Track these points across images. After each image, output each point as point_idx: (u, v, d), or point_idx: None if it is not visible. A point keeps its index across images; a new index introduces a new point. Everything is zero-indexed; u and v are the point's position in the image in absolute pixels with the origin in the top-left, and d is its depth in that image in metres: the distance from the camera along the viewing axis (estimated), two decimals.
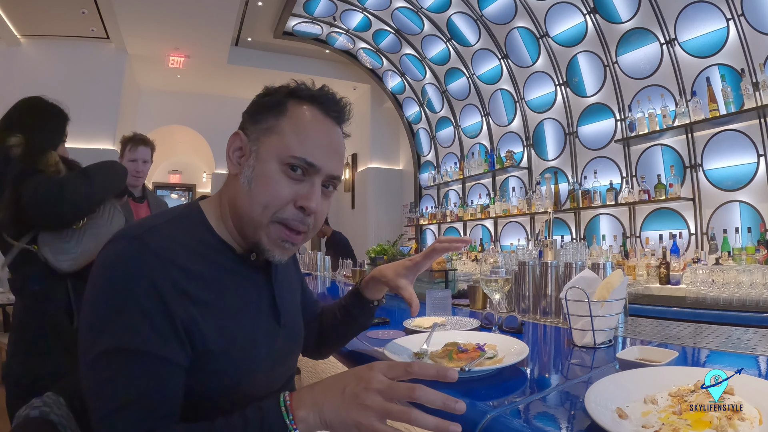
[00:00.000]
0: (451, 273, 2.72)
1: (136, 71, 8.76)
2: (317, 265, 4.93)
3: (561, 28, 5.88)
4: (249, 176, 1.03)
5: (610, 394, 0.93)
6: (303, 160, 1.02)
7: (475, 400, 1.04)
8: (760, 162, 4.33)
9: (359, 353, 1.53)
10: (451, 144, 8.38)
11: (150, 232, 0.94)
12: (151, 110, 9.57)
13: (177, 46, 8.01)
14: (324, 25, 8.21)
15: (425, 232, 8.98)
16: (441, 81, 8.06)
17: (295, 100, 1.07)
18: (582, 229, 5.93)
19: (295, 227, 1.04)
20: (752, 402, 0.85)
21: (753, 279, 3.16)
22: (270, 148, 1.03)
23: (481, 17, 6.59)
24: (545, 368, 1.39)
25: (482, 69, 7.23)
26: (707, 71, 4.65)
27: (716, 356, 1.41)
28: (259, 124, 1.05)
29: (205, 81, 9.40)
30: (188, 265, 0.95)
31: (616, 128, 5.54)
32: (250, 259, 1.08)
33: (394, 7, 7.36)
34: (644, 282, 4.22)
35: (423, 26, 7.48)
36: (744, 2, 4.29)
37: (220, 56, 8.39)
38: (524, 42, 6.40)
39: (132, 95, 8.89)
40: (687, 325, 1.89)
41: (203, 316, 0.94)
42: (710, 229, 4.59)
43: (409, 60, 8.31)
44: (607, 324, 1.49)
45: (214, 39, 7.80)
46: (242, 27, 8.06)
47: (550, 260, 2.03)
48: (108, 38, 7.76)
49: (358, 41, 8.52)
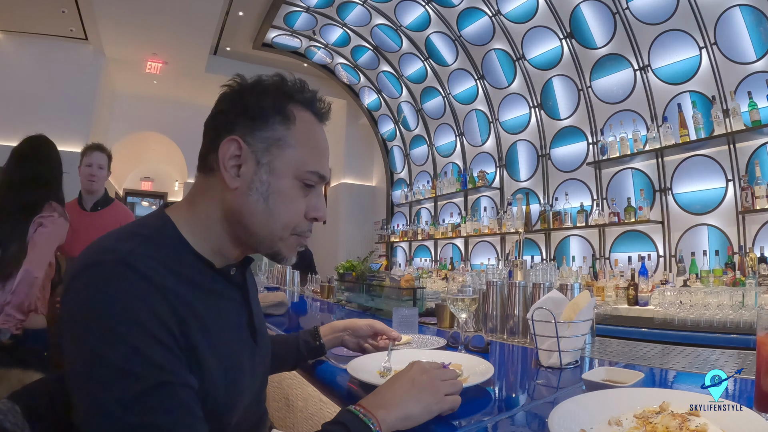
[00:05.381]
0: (420, 291, 2.68)
1: (113, 75, 8.63)
2: (286, 279, 4.86)
3: (537, 52, 5.97)
4: (264, 192, 0.99)
5: (575, 415, 0.91)
6: (317, 174, 1.04)
7: (439, 420, 1.02)
8: (728, 187, 4.42)
9: (322, 369, 1.50)
10: (424, 162, 8.42)
11: (133, 256, 0.86)
12: (125, 115, 9.41)
13: (155, 51, 7.93)
14: (303, 39, 8.22)
15: (396, 249, 8.97)
16: (417, 99, 8.12)
17: (295, 105, 1.04)
18: (552, 250, 5.98)
19: (306, 235, 1.07)
20: (718, 424, 0.84)
21: (720, 301, 3.21)
22: (286, 162, 1.01)
23: (459, 38, 6.67)
24: (511, 388, 1.37)
25: (458, 89, 7.31)
26: (679, 97, 4.76)
27: (683, 377, 1.40)
28: (262, 131, 1.00)
29: (182, 88, 9.30)
30: (175, 288, 0.89)
31: (588, 151, 5.62)
32: (229, 274, 1.05)
33: (374, 24, 7.41)
34: (613, 303, 4.24)
35: (401, 44, 7.54)
36: (717, 32, 4.41)
37: (198, 64, 8.32)
38: (501, 64, 6.48)
39: (107, 99, 8.75)
40: (654, 346, 1.89)
41: (198, 340, 0.89)
42: (678, 251, 4.66)
43: (386, 77, 8.35)
44: (574, 345, 1.48)
45: (193, 47, 7.74)
46: (222, 36, 8.01)
47: (519, 280, 2.02)
48: (86, 39, 7.63)
49: (336, 56, 8.54)
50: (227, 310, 1.03)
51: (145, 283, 0.83)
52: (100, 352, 0.78)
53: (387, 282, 2.85)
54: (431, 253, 8.07)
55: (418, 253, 8.42)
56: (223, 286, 1.03)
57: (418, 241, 8.25)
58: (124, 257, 0.85)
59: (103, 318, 0.79)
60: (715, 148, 4.52)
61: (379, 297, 2.87)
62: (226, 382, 0.95)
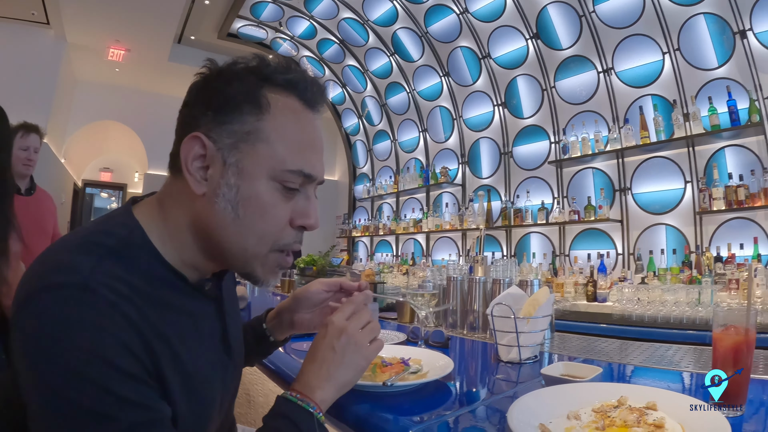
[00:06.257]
0: (380, 286, 2.67)
1: (74, 61, 8.31)
2: None
3: (503, 51, 6.01)
4: (232, 200, 0.83)
5: (534, 410, 0.91)
6: (300, 172, 0.86)
7: (398, 415, 1.01)
8: (686, 188, 4.54)
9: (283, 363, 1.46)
10: (387, 157, 8.41)
11: (94, 276, 0.73)
12: (86, 103, 9.08)
13: (118, 38, 7.66)
14: (269, 30, 8.11)
15: (358, 244, 8.94)
16: (381, 94, 8.09)
17: (273, 89, 0.85)
18: (513, 247, 6.04)
19: (292, 249, 0.90)
20: (675, 417, 0.85)
21: (677, 298, 3.30)
22: (257, 160, 0.83)
23: (426, 34, 6.67)
24: (471, 383, 1.37)
25: (423, 85, 7.31)
26: (641, 100, 4.87)
27: (640, 371, 1.41)
28: (229, 124, 0.82)
29: (144, 77, 9.04)
30: (144, 312, 0.76)
31: (550, 150, 5.69)
32: (204, 289, 0.91)
33: (341, 17, 7.35)
34: (572, 299, 4.31)
35: (368, 39, 7.50)
36: (681, 38, 4.51)
37: (162, 53, 8.10)
38: (466, 61, 6.51)
39: (67, 86, 8.44)
40: (612, 342, 1.91)
41: (169, 369, 0.78)
42: (637, 249, 4.77)
43: (352, 71, 8.31)
44: (533, 340, 1.48)
45: (157, 34, 7.52)
46: (186, 24, 7.82)
47: (480, 276, 2.02)
48: (48, 24, 7.31)
49: (302, 49, 8.45)
50: (200, 328, 0.89)
51: (110, 310, 0.71)
52: (65, 395, 0.67)
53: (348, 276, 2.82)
54: (393, 248, 8.07)
55: (379, 248, 8.41)
56: (196, 302, 0.90)
57: (379, 236, 8.24)
58: (85, 281, 0.71)
59: (64, 355, 0.68)
60: (674, 150, 4.63)
61: None
62: (198, 407, 0.85)
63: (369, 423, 0.99)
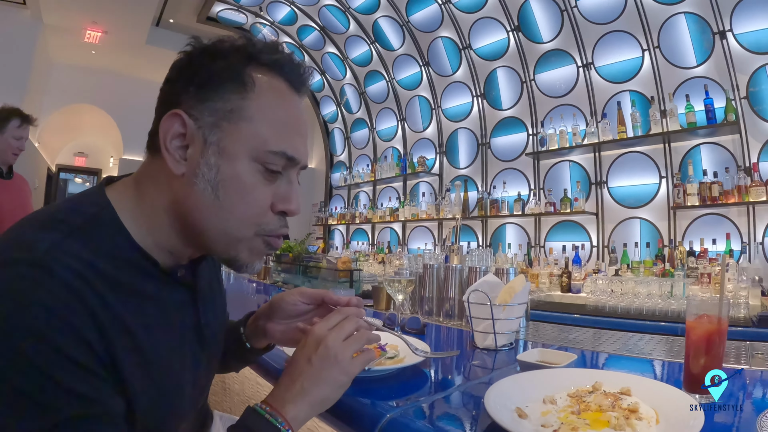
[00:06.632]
0: (356, 273, 2.67)
1: (50, 43, 8.07)
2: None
3: (484, 42, 6.01)
4: (212, 180, 0.80)
5: (510, 394, 0.92)
6: (283, 154, 0.83)
7: (375, 400, 1.01)
8: (661, 183, 4.60)
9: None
10: (365, 146, 8.37)
11: (52, 254, 0.69)
12: (61, 86, 8.85)
13: (95, 19, 7.46)
14: (249, 15, 8.00)
15: (333, 232, 8.91)
16: (360, 82, 8.04)
17: (259, 69, 0.84)
18: (488, 237, 6.07)
19: (278, 234, 0.87)
20: (649, 403, 0.86)
21: (650, 290, 3.37)
22: (239, 139, 0.81)
23: (407, 23, 6.63)
24: (447, 369, 1.36)
25: (402, 74, 7.28)
26: (619, 96, 4.91)
27: (614, 360, 1.43)
28: (212, 101, 0.80)
29: (121, 60, 8.83)
30: (103, 297, 0.71)
31: (528, 142, 5.72)
32: (176, 275, 0.87)
33: (323, 3, 7.26)
34: (546, 289, 4.37)
35: (348, 26, 7.43)
36: (661, 36, 4.56)
37: (139, 35, 7.93)
38: (446, 51, 6.49)
39: (42, 68, 8.21)
40: (586, 331, 1.94)
41: (128, 360, 0.74)
42: (611, 242, 4.82)
43: (331, 59, 8.23)
44: (509, 327, 1.49)
45: (135, 16, 7.34)
46: (165, 7, 7.65)
47: (456, 264, 2.02)
48: (24, 3, 7.12)
49: (282, 35, 8.34)
50: (169, 316, 0.85)
51: (63, 292, 0.67)
52: (6, 376, 0.64)
53: (324, 264, 2.82)
54: (369, 237, 8.05)
55: (355, 237, 8.38)
56: (167, 289, 0.86)
57: (355, 224, 8.22)
58: (41, 257, 0.68)
59: (11, 336, 0.64)
60: (650, 146, 4.69)
61: (315, 279, 2.85)
62: (161, 405, 0.81)
63: (345, 407, 0.97)
